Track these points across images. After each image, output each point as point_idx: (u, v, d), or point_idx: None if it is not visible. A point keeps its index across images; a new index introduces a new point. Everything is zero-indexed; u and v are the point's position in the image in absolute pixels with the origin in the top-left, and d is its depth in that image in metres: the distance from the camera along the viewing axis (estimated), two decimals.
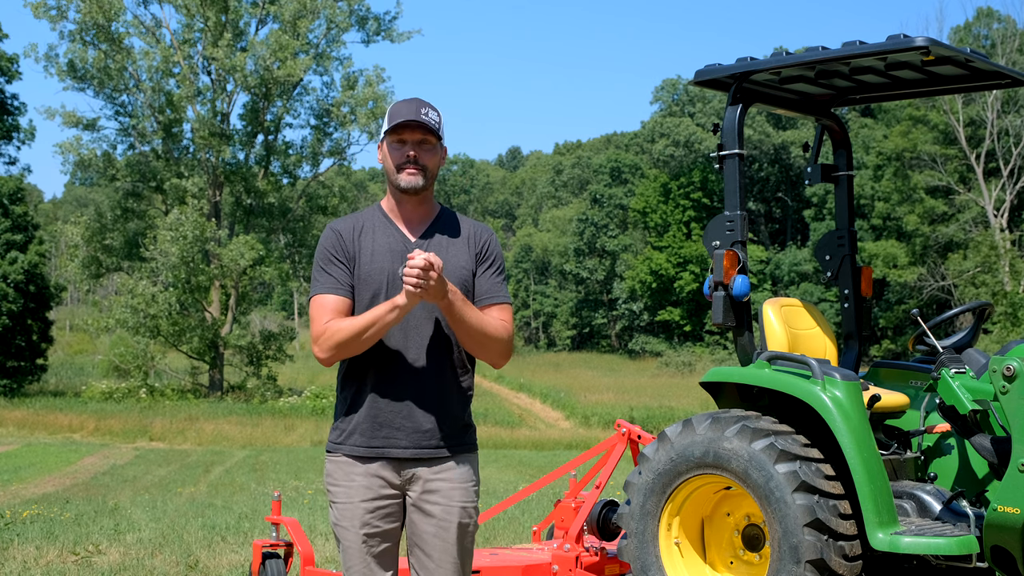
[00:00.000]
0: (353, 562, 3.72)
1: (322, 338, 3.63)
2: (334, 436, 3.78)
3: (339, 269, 3.72)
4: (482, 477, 23.64)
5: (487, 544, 8.76)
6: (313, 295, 3.73)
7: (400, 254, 3.70)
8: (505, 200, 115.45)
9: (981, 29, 56.95)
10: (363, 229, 3.77)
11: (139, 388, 45.81)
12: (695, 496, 5.66)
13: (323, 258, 3.74)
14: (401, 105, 3.74)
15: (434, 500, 3.71)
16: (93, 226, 46.51)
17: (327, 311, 3.66)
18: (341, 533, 3.73)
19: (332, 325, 3.63)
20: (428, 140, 3.73)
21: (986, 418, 5.37)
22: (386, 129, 3.75)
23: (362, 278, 3.72)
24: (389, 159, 3.75)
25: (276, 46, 45.05)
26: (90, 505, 13.86)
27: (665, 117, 76.47)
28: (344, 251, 3.73)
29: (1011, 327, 36.47)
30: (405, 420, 3.69)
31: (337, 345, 3.62)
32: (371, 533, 3.70)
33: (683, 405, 41.28)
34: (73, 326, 78.78)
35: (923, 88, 6.24)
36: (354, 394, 3.74)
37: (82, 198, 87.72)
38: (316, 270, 3.76)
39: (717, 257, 5.72)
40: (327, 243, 3.76)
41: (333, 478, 3.76)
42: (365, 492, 3.70)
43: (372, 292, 3.70)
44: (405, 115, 3.68)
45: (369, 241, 3.75)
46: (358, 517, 3.69)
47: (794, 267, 69.04)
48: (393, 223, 3.80)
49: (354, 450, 3.71)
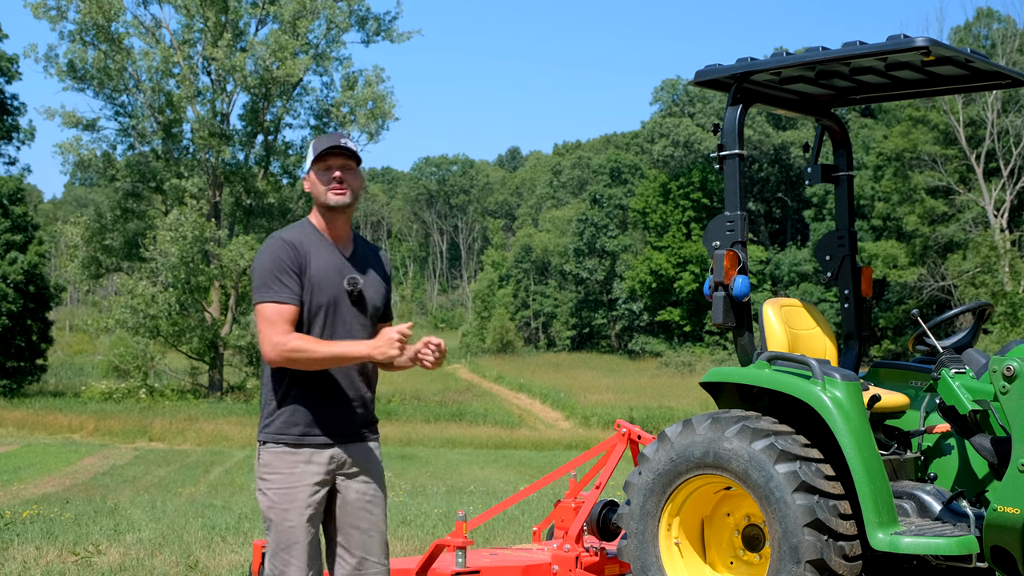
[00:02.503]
0: (296, 539, 4.07)
1: (283, 348, 4.01)
2: (271, 428, 4.13)
3: (292, 279, 4.07)
4: (482, 477, 23.50)
5: (487, 544, 8.76)
6: (268, 301, 4.05)
7: (339, 269, 4.15)
8: (505, 200, 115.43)
9: (981, 29, 56.96)
10: (307, 244, 4.14)
11: (139, 388, 45.83)
12: (695, 496, 5.66)
13: (276, 267, 4.06)
14: (322, 137, 4.19)
15: (364, 478, 4.22)
16: (93, 226, 46.51)
17: (284, 320, 4.04)
18: (281, 516, 4.08)
19: (298, 343, 4.01)
20: (350, 164, 4.18)
21: (986, 418, 5.36)
22: (312, 159, 4.16)
23: (313, 290, 4.09)
24: (317, 184, 4.16)
25: (276, 46, 45.05)
26: (90, 505, 13.86)
27: (665, 117, 76.45)
28: (297, 262, 4.08)
29: (1011, 327, 36.47)
30: (336, 413, 4.14)
31: (296, 360, 4.03)
32: (312, 515, 4.11)
33: (683, 405, 41.28)
34: (73, 326, 78.78)
35: (923, 88, 6.23)
36: (288, 390, 4.11)
37: (82, 198, 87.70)
38: (267, 277, 4.06)
39: (717, 257, 5.71)
40: (281, 252, 4.08)
41: (272, 467, 4.11)
42: (306, 478, 4.09)
43: (319, 303, 4.10)
44: (329, 143, 4.14)
45: (315, 256, 4.12)
46: (301, 500, 4.08)
47: (794, 267, 69.04)
48: (328, 240, 4.20)
49: (293, 439, 4.10)
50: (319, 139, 4.21)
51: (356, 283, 4.14)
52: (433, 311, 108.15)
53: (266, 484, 4.13)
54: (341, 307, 4.14)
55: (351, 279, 4.15)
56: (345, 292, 4.12)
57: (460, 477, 21.99)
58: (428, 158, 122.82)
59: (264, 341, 4.06)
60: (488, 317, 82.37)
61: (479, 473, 23.55)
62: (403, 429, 36.64)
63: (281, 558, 4.10)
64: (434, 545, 6.10)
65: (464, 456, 29.39)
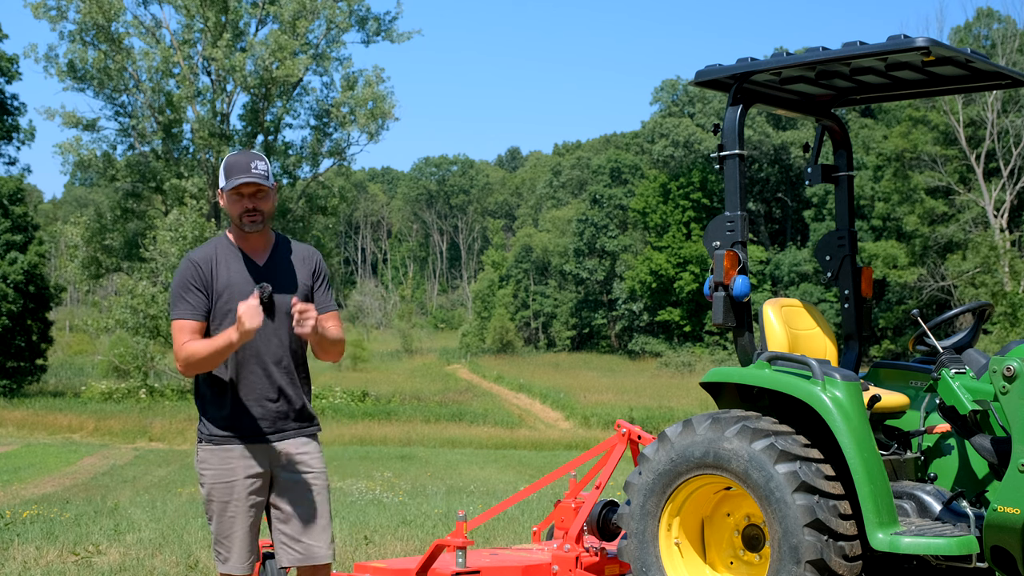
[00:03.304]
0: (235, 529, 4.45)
1: (181, 356, 4.38)
2: (208, 428, 4.50)
3: (196, 296, 4.44)
4: (482, 477, 23.44)
5: (487, 544, 8.76)
6: (174, 319, 4.45)
7: (248, 280, 4.48)
8: (505, 200, 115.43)
9: (981, 29, 56.95)
10: (217, 259, 4.50)
11: (139, 388, 45.83)
12: (695, 496, 5.66)
13: (182, 286, 4.45)
14: (233, 162, 4.47)
15: (302, 469, 4.53)
16: (93, 226, 46.51)
17: (185, 333, 4.41)
18: (220, 507, 4.45)
19: (189, 347, 4.37)
20: (261, 190, 4.48)
21: (986, 418, 5.36)
22: (223, 187, 4.45)
23: (220, 302, 4.45)
24: (231, 207, 4.49)
25: (275, 46, 45.04)
26: (90, 505, 13.86)
27: (665, 117, 76.44)
28: (202, 279, 4.46)
29: (1011, 327, 36.47)
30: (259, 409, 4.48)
31: (193, 364, 4.38)
32: (251, 505, 4.47)
33: (683, 405, 41.29)
34: (73, 326, 78.77)
35: (923, 89, 6.23)
36: (219, 393, 4.49)
37: (82, 198, 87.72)
38: (175, 296, 4.46)
39: (717, 257, 5.71)
40: (187, 273, 4.46)
41: (208, 463, 4.48)
42: (240, 471, 4.45)
43: (230, 311, 4.41)
44: (238, 175, 4.41)
45: (224, 270, 4.48)
46: (239, 492, 4.44)
47: (794, 267, 69.03)
48: (241, 252, 4.54)
49: (227, 438, 4.46)
50: (231, 163, 4.47)
51: (266, 289, 4.39)
52: (433, 311, 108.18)
53: (204, 479, 4.51)
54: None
55: (261, 286, 4.40)
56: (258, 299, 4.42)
57: (460, 477, 21.99)
58: (428, 158, 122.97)
59: (174, 354, 4.47)
60: (488, 317, 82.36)
61: (479, 473, 23.55)
62: (403, 429, 36.65)
63: (224, 545, 4.49)
64: (434, 545, 6.10)
65: (464, 456, 29.39)
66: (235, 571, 4.49)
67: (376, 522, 10.68)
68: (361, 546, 9.01)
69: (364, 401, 44.39)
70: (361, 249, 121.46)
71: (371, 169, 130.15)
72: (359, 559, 8.17)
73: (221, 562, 4.52)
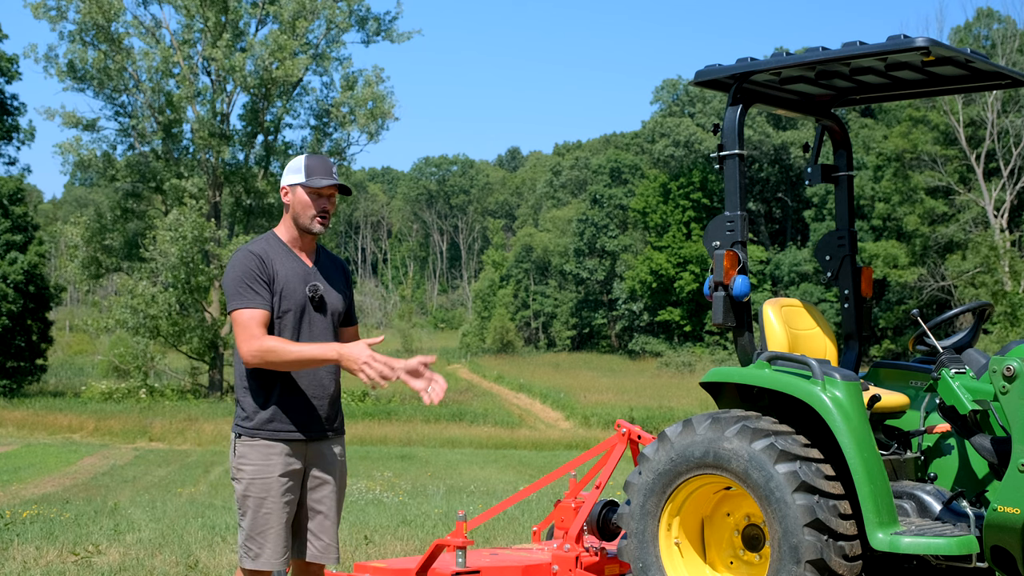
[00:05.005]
0: (271, 525, 4.45)
1: (260, 349, 4.37)
2: (250, 424, 4.50)
3: (263, 288, 4.46)
4: (482, 477, 23.49)
5: (487, 544, 8.76)
6: (243, 307, 4.42)
7: (302, 278, 4.55)
8: (505, 200, 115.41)
9: (981, 29, 56.95)
10: (273, 256, 4.54)
11: (139, 388, 45.81)
12: (695, 496, 5.66)
13: (248, 276, 4.45)
14: (315, 163, 4.56)
15: (332, 469, 4.62)
16: (93, 226, 46.49)
17: (257, 324, 4.41)
18: (257, 503, 4.45)
19: (273, 344, 4.38)
20: (335, 194, 4.61)
21: (986, 418, 5.36)
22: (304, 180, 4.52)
23: (280, 297, 4.48)
24: (305, 207, 4.55)
25: (275, 46, 45.04)
26: (90, 505, 13.86)
27: (665, 117, 76.43)
28: (266, 273, 4.48)
29: (1011, 327, 36.47)
30: (307, 410, 4.54)
31: (270, 361, 4.38)
32: (286, 503, 4.48)
33: (683, 405, 41.29)
34: (73, 326, 78.78)
35: (923, 89, 6.23)
36: (267, 389, 4.49)
37: (82, 198, 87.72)
38: (239, 286, 4.45)
39: (717, 257, 5.71)
40: (251, 263, 4.47)
41: (248, 458, 4.48)
42: (280, 468, 4.47)
43: (287, 309, 4.49)
44: (323, 176, 4.53)
45: (281, 267, 4.53)
46: (276, 489, 4.46)
47: (794, 267, 69.02)
48: (293, 252, 4.61)
49: (270, 435, 4.47)
50: (313, 163, 4.57)
51: (316, 289, 4.54)
52: (433, 311, 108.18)
53: (242, 473, 4.50)
54: (306, 312, 4.55)
55: (312, 286, 4.54)
56: (308, 298, 4.54)
57: (460, 477, 21.99)
58: (428, 158, 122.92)
59: (241, 344, 4.42)
60: (488, 317, 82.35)
61: (479, 473, 23.54)
62: (403, 429, 36.64)
63: (256, 541, 4.49)
64: (434, 545, 6.11)
65: (464, 456, 29.39)
66: (267, 567, 4.49)
67: (376, 522, 10.68)
68: (361, 546, 9.01)
69: (364, 401, 44.37)
70: (361, 249, 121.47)
71: (371, 169, 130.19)
72: (359, 559, 8.17)
73: (251, 558, 4.49)
